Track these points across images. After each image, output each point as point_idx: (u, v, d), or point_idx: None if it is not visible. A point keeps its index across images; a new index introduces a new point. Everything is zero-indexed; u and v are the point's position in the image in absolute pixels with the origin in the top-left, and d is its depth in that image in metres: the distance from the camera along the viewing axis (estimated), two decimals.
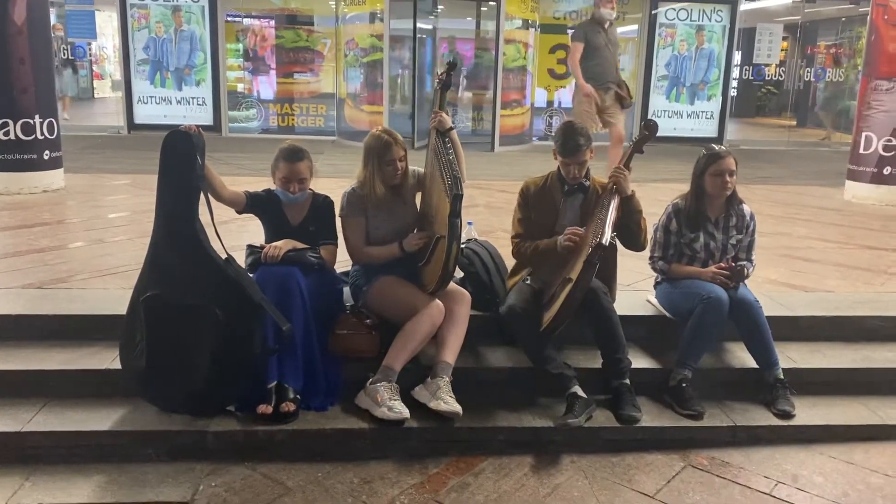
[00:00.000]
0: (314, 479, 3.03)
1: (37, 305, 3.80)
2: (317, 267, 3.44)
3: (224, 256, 3.24)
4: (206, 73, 11.88)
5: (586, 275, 3.28)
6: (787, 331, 3.89)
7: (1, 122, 6.38)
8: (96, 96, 20.11)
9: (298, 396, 3.25)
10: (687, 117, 12.69)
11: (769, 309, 3.81)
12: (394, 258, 3.57)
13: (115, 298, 3.77)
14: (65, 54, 12.56)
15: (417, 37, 11.00)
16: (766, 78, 14.90)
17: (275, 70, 12.18)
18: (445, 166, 3.39)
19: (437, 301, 3.43)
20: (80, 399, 3.31)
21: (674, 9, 12.30)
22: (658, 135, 3.68)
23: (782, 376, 3.57)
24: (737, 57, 13.48)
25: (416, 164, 3.79)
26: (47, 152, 6.66)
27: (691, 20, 12.39)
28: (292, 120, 12.20)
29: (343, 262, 3.76)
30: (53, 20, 10.74)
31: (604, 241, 3.25)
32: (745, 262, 3.75)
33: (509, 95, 11.36)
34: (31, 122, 6.49)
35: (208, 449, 3.13)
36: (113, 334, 3.40)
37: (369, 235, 3.62)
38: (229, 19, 11.91)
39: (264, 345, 3.22)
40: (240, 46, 12.17)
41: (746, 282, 3.77)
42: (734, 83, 14.06)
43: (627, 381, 3.46)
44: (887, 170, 7.34)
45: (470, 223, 4.34)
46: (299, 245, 3.46)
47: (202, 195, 3.27)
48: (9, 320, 3.62)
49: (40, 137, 6.58)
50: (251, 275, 3.34)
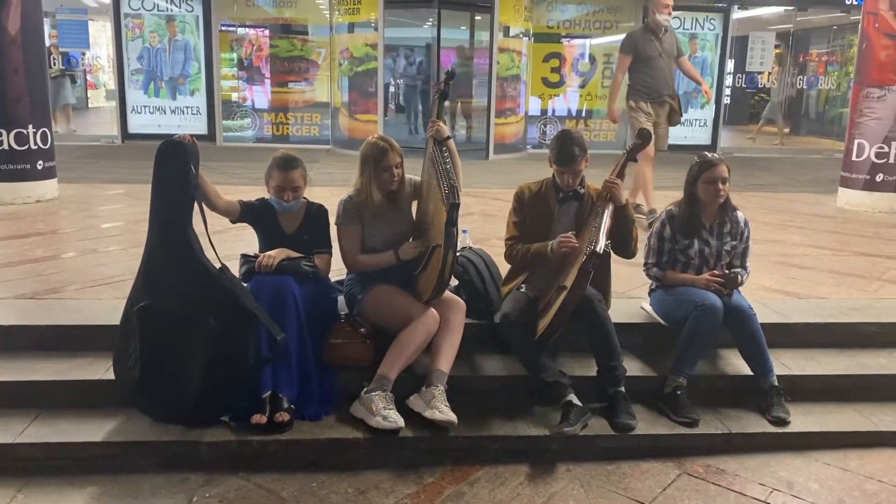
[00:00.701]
0: (308, 489, 3.01)
1: (30, 316, 3.79)
2: (311, 276, 3.44)
3: (218, 266, 3.24)
4: (200, 82, 11.89)
5: (581, 282, 3.28)
6: (781, 337, 3.90)
7: None
8: (90, 106, 20.07)
9: (293, 406, 3.25)
10: (680, 126, 12.70)
11: (763, 316, 3.82)
12: (388, 266, 3.57)
13: (108, 309, 3.75)
14: (54, 63, 12.52)
15: (428, 45, 10.97)
16: (759, 85, 14.96)
17: (269, 79, 12.19)
18: (442, 175, 3.40)
19: (432, 310, 3.43)
20: (73, 410, 3.30)
21: (667, 18, 12.35)
22: (651, 143, 3.69)
23: (777, 383, 3.57)
24: (730, 65, 13.55)
25: (413, 172, 3.79)
26: (41, 162, 6.65)
27: (684, 28, 12.44)
28: (287, 129, 12.20)
29: (337, 270, 3.76)
30: (48, 29, 10.72)
31: (598, 249, 3.26)
32: (739, 270, 3.76)
33: (503, 104, 11.39)
34: (25, 131, 6.48)
35: (202, 459, 3.12)
36: (106, 345, 3.39)
37: (365, 243, 3.62)
38: (224, 29, 11.93)
39: (258, 354, 3.21)
40: (234, 56, 12.19)
41: (741, 289, 3.78)
42: (727, 91, 14.11)
43: (622, 388, 3.46)
44: (879, 177, 7.37)
45: (464, 231, 4.33)
46: (293, 254, 3.46)
47: (196, 204, 3.27)
48: (2, 331, 3.60)
49: (34, 147, 6.56)
50: (245, 284, 3.34)
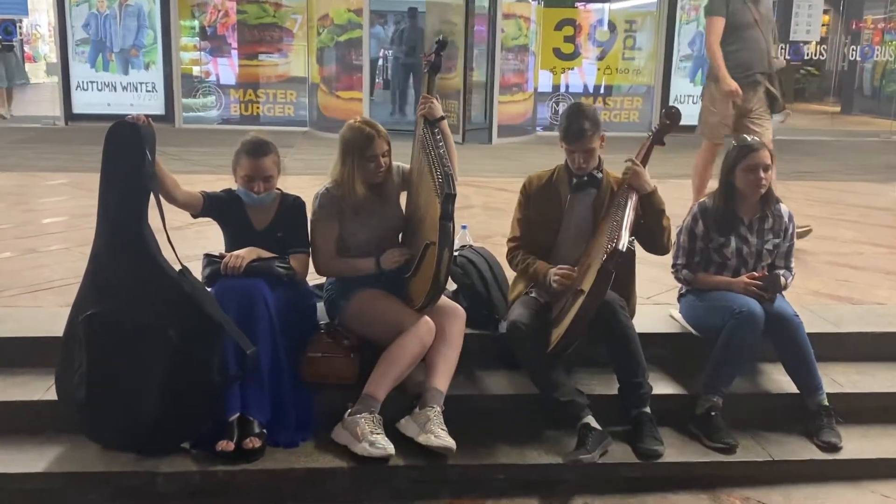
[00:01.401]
0: None
1: None
2: (286, 279, 3.43)
3: (178, 268, 3.23)
4: (156, 54, 11.87)
5: (600, 286, 3.28)
6: (831, 350, 3.90)
7: None
8: (28, 82, 20.03)
9: (265, 431, 3.24)
10: None
11: (811, 324, 3.82)
12: (366, 274, 3.56)
13: (49, 318, 3.74)
14: None
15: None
16: (806, 57, 14.98)
17: (236, 51, 12.18)
18: (435, 161, 3.40)
19: (427, 318, 3.43)
20: (8, 436, 3.29)
21: None
22: (681, 124, 3.69)
23: (827, 403, 3.58)
24: None
25: (400, 158, 3.79)
26: None
27: None
28: (257, 108, 12.19)
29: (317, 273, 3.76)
30: None
31: (620, 246, 3.26)
32: (782, 271, 3.77)
33: (508, 79, 11.40)
34: None
35: (159, 493, 3.11)
36: (48, 360, 3.37)
37: (345, 242, 3.61)
38: None
39: (225, 371, 3.20)
40: (195, 23, 12.16)
41: (784, 293, 3.78)
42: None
43: (648, 409, 3.46)
44: None
45: (464, 227, 4.34)
46: (265, 254, 3.45)
47: (152, 196, 3.26)
48: None
49: None
50: (209, 289, 3.33)
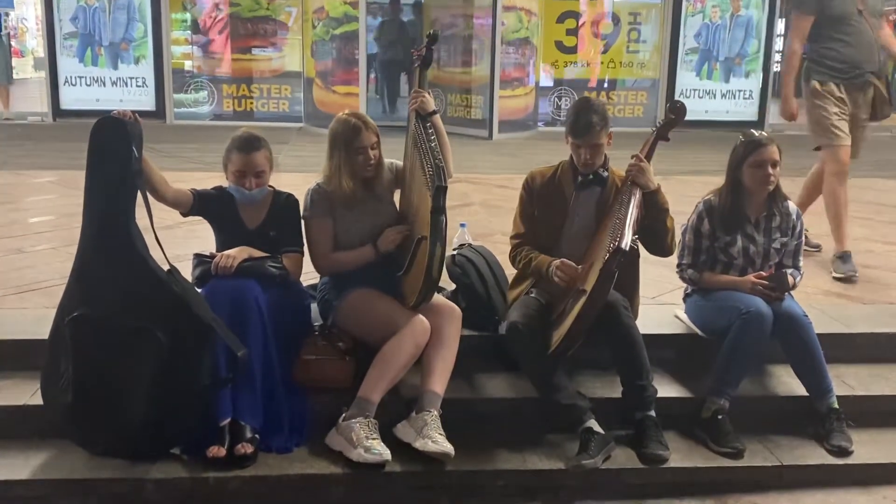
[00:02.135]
0: None
1: None
2: (278, 279, 3.43)
3: (166, 268, 3.22)
4: (146, 48, 11.85)
5: (603, 286, 3.28)
6: (842, 351, 3.90)
7: None
8: (15, 77, 20.04)
9: (257, 436, 3.23)
10: (721, 97, 12.74)
11: (821, 325, 3.82)
12: (367, 263, 3.57)
13: (35, 319, 3.74)
14: None
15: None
16: None
17: (229, 44, 12.17)
18: (426, 154, 3.40)
19: (421, 317, 3.42)
20: None
21: None
22: (687, 118, 3.69)
23: (837, 406, 3.57)
24: (780, 25, 13.55)
25: (392, 155, 3.79)
26: None
27: None
28: (250, 104, 12.18)
29: (310, 273, 3.75)
30: None
31: (623, 246, 3.25)
32: (791, 270, 3.76)
33: (509, 73, 11.39)
34: None
35: (148, 500, 3.10)
36: (34, 363, 3.37)
37: (338, 240, 3.62)
38: None
39: (216, 374, 3.20)
40: (187, 16, 12.16)
41: (793, 293, 3.78)
42: (777, 56, 14.12)
43: (652, 412, 3.45)
44: None
45: (463, 225, 4.34)
46: (257, 253, 3.45)
47: (139, 194, 3.25)
48: None
49: None
50: (199, 290, 3.33)
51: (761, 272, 3.70)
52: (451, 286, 3.88)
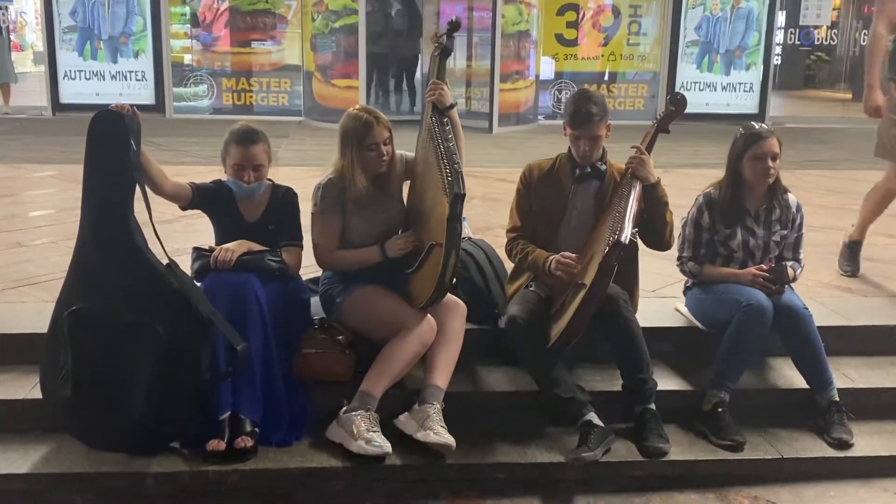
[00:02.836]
0: None
1: None
2: (278, 273, 3.42)
3: (165, 262, 3.22)
4: (145, 42, 11.83)
5: (602, 279, 3.27)
6: (843, 344, 3.90)
7: None
8: (15, 71, 20.00)
9: (257, 430, 3.23)
10: (721, 90, 12.72)
11: (821, 318, 3.82)
12: (371, 264, 3.55)
13: (34, 313, 3.74)
14: None
15: None
16: (816, 43, 14.96)
17: (229, 38, 12.15)
18: (444, 156, 3.34)
19: (429, 317, 3.42)
20: None
21: None
22: (687, 111, 3.68)
23: (838, 398, 3.57)
24: (781, 17, 13.53)
25: (405, 147, 3.77)
26: None
27: None
28: (250, 97, 12.17)
29: (309, 267, 3.74)
30: None
31: (623, 239, 3.25)
32: (791, 262, 3.76)
33: (509, 66, 11.36)
34: None
35: (148, 494, 3.11)
36: (33, 357, 3.37)
37: (345, 238, 3.59)
38: None
39: (215, 368, 3.20)
40: (186, 10, 12.13)
41: (794, 285, 3.77)
42: (778, 49, 14.10)
43: (653, 406, 3.45)
44: None
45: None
46: (256, 247, 3.44)
47: (138, 188, 3.25)
48: None
49: None
50: (198, 283, 3.32)
51: (762, 265, 3.70)
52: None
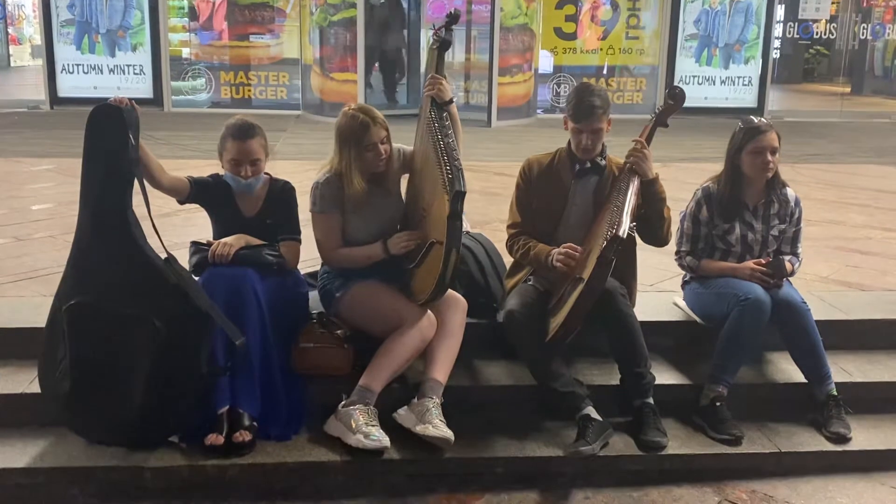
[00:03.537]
0: None
1: None
2: (276, 267, 3.42)
3: (164, 256, 3.22)
4: (143, 35, 11.79)
5: (600, 273, 3.27)
6: (840, 338, 3.90)
7: None
8: (13, 65, 20.00)
9: (255, 424, 3.23)
10: (720, 84, 12.71)
11: (819, 312, 3.82)
12: (375, 261, 3.54)
13: (33, 308, 3.74)
14: None
15: None
16: (815, 36, 14.93)
17: (227, 31, 12.12)
18: (444, 152, 3.33)
19: (429, 313, 3.42)
20: None
21: None
22: (686, 105, 3.68)
23: (836, 392, 3.57)
24: (780, 11, 13.51)
25: (402, 141, 3.76)
26: None
27: None
28: (248, 91, 12.14)
29: (308, 261, 3.74)
30: None
31: (621, 233, 3.25)
32: (788, 257, 3.76)
33: (508, 60, 11.34)
34: None
35: (146, 488, 3.11)
36: (31, 351, 3.37)
37: (346, 237, 3.59)
38: None
39: (213, 363, 3.20)
40: (184, 3, 12.09)
41: (792, 280, 3.77)
42: (777, 43, 14.08)
43: (651, 400, 3.45)
44: None
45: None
46: (254, 241, 3.44)
47: (136, 182, 3.24)
48: None
49: None
50: (196, 278, 3.32)
51: (760, 259, 3.70)
52: None
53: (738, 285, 3.61)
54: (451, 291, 3.59)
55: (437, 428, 3.19)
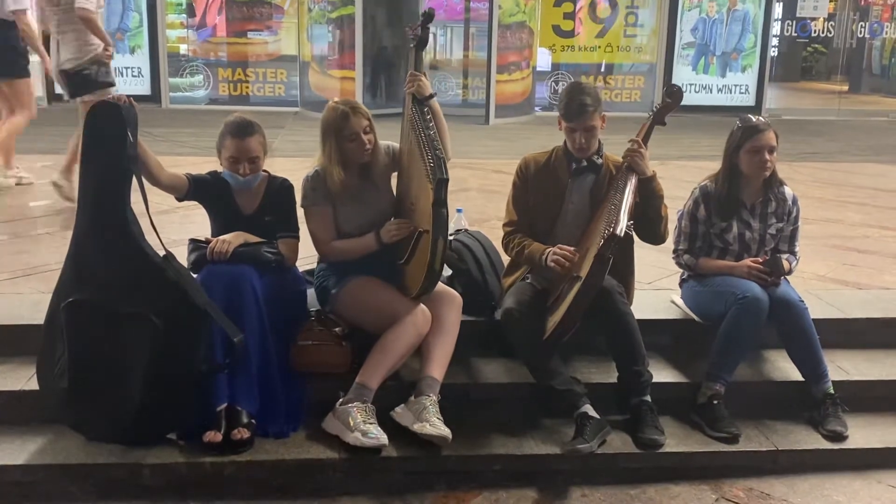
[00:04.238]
0: None
1: None
2: (274, 265, 3.42)
3: (162, 253, 3.22)
4: (141, 38, 11.80)
5: (598, 272, 3.27)
6: (838, 336, 3.91)
7: None
8: None
9: (253, 421, 3.23)
10: (717, 92, 12.74)
11: (816, 310, 3.82)
12: (369, 252, 3.55)
13: (31, 305, 3.74)
14: None
15: None
16: (813, 34, 14.94)
17: (225, 28, 12.11)
18: (426, 143, 3.37)
19: (423, 307, 3.42)
20: None
21: None
22: (683, 103, 3.68)
23: (832, 391, 3.57)
24: (778, 10, 13.51)
25: (389, 138, 3.77)
26: None
27: None
28: (246, 88, 12.15)
29: (306, 258, 3.74)
30: None
31: (618, 231, 3.25)
32: (787, 255, 3.76)
33: (506, 57, 11.35)
34: None
35: (145, 485, 3.11)
36: (29, 348, 3.37)
37: (338, 229, 3.60)
38: None
39: (212, 360, 3.20)
40: (182, 0, 12.08)
41: (789, 278, 3.78)
42: (775, 41, 14.09)
43: (648, 398, 3.45)
44: None
45: (459, 210, 4.33)
46: (253, 239, 3.44)
47: (135, 179, 3.24)
48: None
49: None
50: (195, 275, 3.32)
51: (757, 257, 3.70)
52: (448, 272, 3.87)
53: (735, 283, 3.61)
54: (447, 288, 3.60)
55: (435, 426, 3.19)
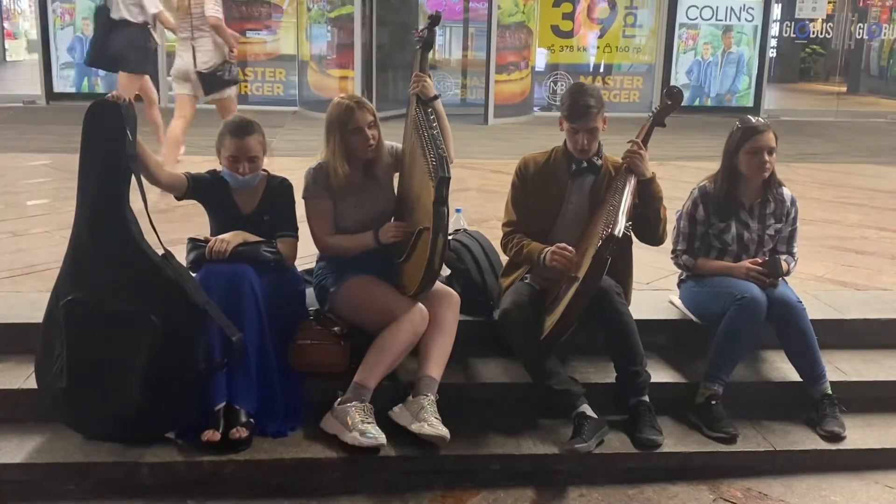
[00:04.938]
0: None
1: None
2: (273, 264, 3.42)
3: (161, 252, 3.22)
4: None
5: (596, 272, 3.28)
6: (835, 337, 3.91)
7: None
8: (8, 59, 19.96)
9: (252, 420, 3.24)
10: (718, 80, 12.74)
11: (814, 311, 3.83)
12: (367, 250, 3.56)
13: (29, 303, 3.74)
14: None
15: None
16: (811, 35, 14.95)
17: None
18: (429, 142, 3.37)
19: (420, 305, 3.42)
20: None
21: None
22: (683, 104, 3.68)
23: (830, 391, 3.58)
24: (776, 11, 13.52)
25: (392, 138, 3.77)
26: None
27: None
28: (245, 87, 12.13)
29: (305, 258, 3.74)
30: None
31: (616, 232, 3.25)
32: (784, 256, 3.76)
33: (505, 57, 11.35)
34: None
35: (143, 484, 3.11)
36: (27, 347, 3.37)
37: (338, 224, 3.60)
38: None
39: (210, 359, 3.20)
40: None
41: (787, 279, 3.78)
42: (773, 42, 14.11)
43: (646, 398, 3.46)
44: None
45: (458, 210, 4.33)
46: (252, 238, 3.44)
47: (133, 178, 3.24)
48: None
49: None
50: (193, 274, 3.32)
51: (756, 258, 3.71)
52: (447, 271, 3.88)
53: (734, 284, 3.61)
54: (445, 287, 3.60)
55: (433, 426, 3.19)
